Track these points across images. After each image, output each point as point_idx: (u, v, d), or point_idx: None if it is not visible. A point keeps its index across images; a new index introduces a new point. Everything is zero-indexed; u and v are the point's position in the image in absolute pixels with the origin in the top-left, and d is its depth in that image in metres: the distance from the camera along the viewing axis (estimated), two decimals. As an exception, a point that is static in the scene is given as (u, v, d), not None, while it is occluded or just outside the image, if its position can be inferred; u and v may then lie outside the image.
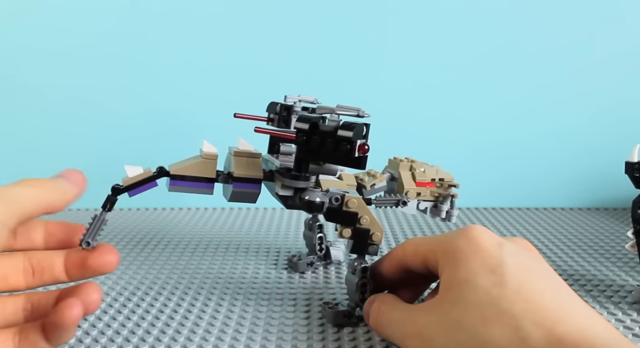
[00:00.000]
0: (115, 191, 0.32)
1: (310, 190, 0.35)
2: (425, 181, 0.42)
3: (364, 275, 0.35)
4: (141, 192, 0.33)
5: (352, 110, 0.36)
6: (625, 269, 0.48)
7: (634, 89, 0.68)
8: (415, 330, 0.29)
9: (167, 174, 0.34)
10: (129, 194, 0.33)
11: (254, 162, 0.36)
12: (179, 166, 0.34)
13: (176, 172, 0.34)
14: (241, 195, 0.35)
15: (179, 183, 0.34)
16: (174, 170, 0.34)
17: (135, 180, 0.32)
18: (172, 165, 0.34)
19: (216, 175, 0.35)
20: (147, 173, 0.33)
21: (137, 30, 0.64)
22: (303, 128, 0.32)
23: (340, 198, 0.34)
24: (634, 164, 0.39)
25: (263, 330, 0.36)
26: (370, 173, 0.44)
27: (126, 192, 0.32)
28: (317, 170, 0.35)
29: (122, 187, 0.32)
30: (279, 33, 0.65)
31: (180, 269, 0.47)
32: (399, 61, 0.67)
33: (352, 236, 0.35)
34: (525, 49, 0.67)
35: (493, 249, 0.29)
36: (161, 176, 0.34)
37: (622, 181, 0.41)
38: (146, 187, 0.33)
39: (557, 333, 0.24)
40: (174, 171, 0.34)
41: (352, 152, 0.31)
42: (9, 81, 0.64)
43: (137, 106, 0.66)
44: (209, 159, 0.35)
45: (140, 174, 0.33)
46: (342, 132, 0.31)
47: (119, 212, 0.66)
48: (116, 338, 0.35)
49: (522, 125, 0.69)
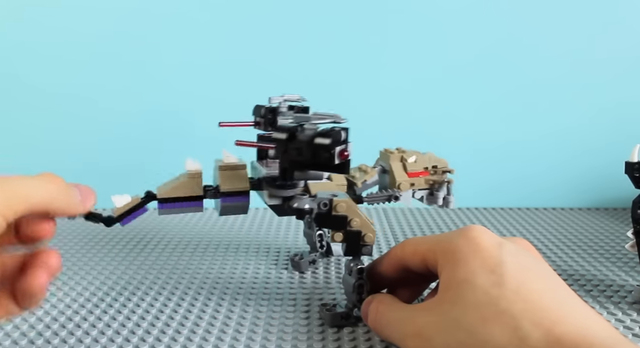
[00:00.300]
0: (108, 222, 0.32)
1: (298, 198, 0.35)
2: (417, 171, 0.41)
3: (360, 277, 0.35)
4: (133, 219, 0.34)
5: (329, 116, 0.36)
6: (625, 269, 0.48)
7: (634, 89, 0.68)
8: (415, 330, 0.29)
9: (155, 197, 0.34)
10: (121, 224, 0.33)
11: (239, 173, 0.36)
12: (166, 188, 0.35)
13: (163, 196, 0.34)
14: (231, 209, 0.36)
15: (167, 206, 0.35)
16: (161, 194, 0.34)
17: (124, 210, 0.33)
18: (159, 188, 0.35)
19: (204, 191, 0.35)
20: (135, 200, 0.34)
21: (135, 30, 0.64)
22: (281, 138, 0.32)
23: (328, 203, 0.34)
24: (634, 164, 0.39)
25: (263, 330, 0.36)
26: (361, 168, 0.43)
27: (118, 222, 0.33)
28: (302, 176, 0.35)
29: (114, 217, 0.33)
30: (278, 33, 0.65)
31: (180, 269, 0.47)
32: (399, 61, 0.67)
33: (344, 239, 0.35)
34: (526, 49, 0.67)
35: (492, 249, 0.29)
36: (149, 201, 0.34)
37: (622, 181, 0.41)
38: (136, 214, 0.34)
39: (556, 333, 0.24)
40: (161, 195, 0.34)
41: (332, 159, 0.31)
42: (8, 80, 0.64)
43: (134, 106, 0.66)
44: (194, 177, 0.35)
45: (128, 203, 0.33)
46: (319, 140, 0.31)
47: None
48: (116, 338, 0.35)
49: (523, 125, 0.69)
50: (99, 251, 0.52)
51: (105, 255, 0.51)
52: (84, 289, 0.43)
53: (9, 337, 0.35)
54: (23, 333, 0.35)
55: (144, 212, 0.34)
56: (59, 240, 0.55)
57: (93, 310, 0.39)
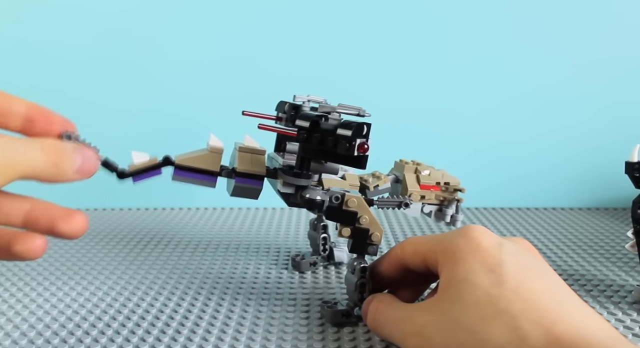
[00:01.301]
0: (121, 175, 0.32)
1: (311, 189, 0.35)
2: (430, 184, 0.42)
3: (362, 275, 0.35)
4: (145, 178, 0.33)
5: (353, 109, 0.36)
6: (625, 269, 0.48)
7: (634, 89, 0.68)
8: (415, 329, 0.29)
9: (172, 163, 0.34)
10: (133, 180, 0.32)
11: (258, 158, 0.36)
12: (185, 157, 0.34)
13: (181, 163, 0.34)
14: (243, 191, 0.35)
15: (182, 173, 0.34)
16: (179, 160, 0.34)
17: (140, 167, 0.33)
18: (178, 155, 0.35)
19: (220, 169, 0.35)
20: (153, 161, 0.33)
21: (135, 31, 0.64)
22: (304, 125, 0.33)
23: (340, 197, 0.34)
24: (634, 164, 0.39)
25: (263, 330, 0.36)
26: (375, 174, 0.44)
27: (131, 176, 0.32)
28: (318, 169, 0.35)
29: (128, 171, 0.32)
30: (281, 32, 0.65)
31: (180, 269, 0.47)
32: (400, 62, 0.67)
33: (351, 235, 0.35)
34: (526, 49, 0.67)
35: (492, 249, 0.29)
36: (166, 165, 0.34)
37: (622, 181, 0.41)
38: (150, 174, 0.33)
39: (555, 333, 0.24)
40: (179, 161, 0.34)
41: (351, 150, 0.31)
42: (8, 80, 0.64)
43: (137, 106, 0.66)
44: (215, 152, 0.35)
45: (146, 161, 0.33)
46: (341, 131, 0.32)
47: (119, 211, 0.66)
48: (116, 338, 0.35)
49: (522, 125, 0.69)
50: (99, 251, 0.52)
51: (106, 255, 0.51)
52: (84, 289, 0.43)
53: (9, 336, 0.35)
54: (23, 333, 0.35)
55: (158, 173, 0.33)
56: (58, 240, 0.55)
57: (93, 310, 0.39)
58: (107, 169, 0.31)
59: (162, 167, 0.33)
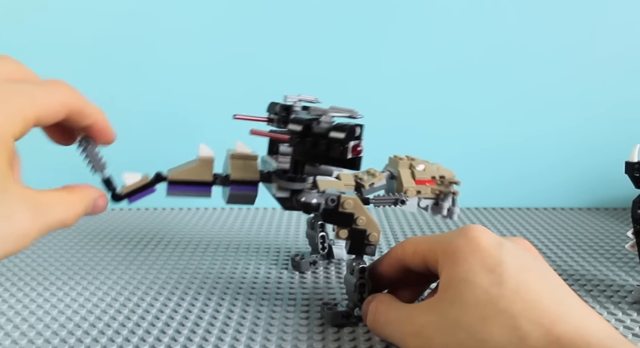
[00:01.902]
0: (116, 197, 0.33)
1: (307, 192, 0.35)
2: (425, 179, 0.42)
3: (362, 276, 0.35)
4: (140, 198, 0.34)
5: (345, 111, 0.36)
6: (625, 269, 0.48)
7: (634, 89, 0.68)
8: (414, 330, 0.29)
9: (164, 179, 0.34)
10: (129, 201, 0.34)
11: (250, 164, 0.36)
12: (176, 171, 0.35)
13: (173, 178, 0.34)
14: (239, 198, 0.36)
15: (176, 188, 0.34)
16: (172, 175, 0.34)
17: (133, 188, 0.33)
18: (169, 170, 0.35)
19: (213, 178, 0.35)
20: (145, 179, 0.34)
21: (134, 31, 0.64)
22: (296, 129, 0.32)
23: (336, 199, 0.34)
24: (634, 164, 0.39)
25: (263, 330, 0.36)
26: (369, 172, 0.44)
27: (126, 198, 0.33)
28: (313, 171, 0.35)
29: (122, 194, 0.33)
30: (278, 32, 0.65)
31: (180, 269, 0.47)
32: (398, 60, 0.67)
33: (348, 237, 0.35)
34: (526, 48, 0.67)
35: (492, 249, 0.29)
36: (158, 182, 0.34)
37: (622, 181, 0.41)
38: (145, 193, 0.34)
39: (555, 333, 0.24)
40: (171, 176, 0.34)
41: (344, 153, 0.31)
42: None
43: (134, 106, 0.66)
44: (206, 162, 0.35)
45: (138, 181, 0.33)
46: (334, 134, 0.31)
47: (119, 211, 0.66)
48: (116, 338, 0.35)
49: (522, 125, 0.69)
50: (99, 251, 0.52)
51: (106, 255, 0.51)
52: (84, 289, 0.43)
53: (9, 336, 0.35)
54: (23, 333, 0.35)
55: (152, 192, 0.34)
56: (58, 240, 0.55)
57: (93, 310, 0.39)
58: (107, 187, 0.32)
59: (155, 184, 0.34)
